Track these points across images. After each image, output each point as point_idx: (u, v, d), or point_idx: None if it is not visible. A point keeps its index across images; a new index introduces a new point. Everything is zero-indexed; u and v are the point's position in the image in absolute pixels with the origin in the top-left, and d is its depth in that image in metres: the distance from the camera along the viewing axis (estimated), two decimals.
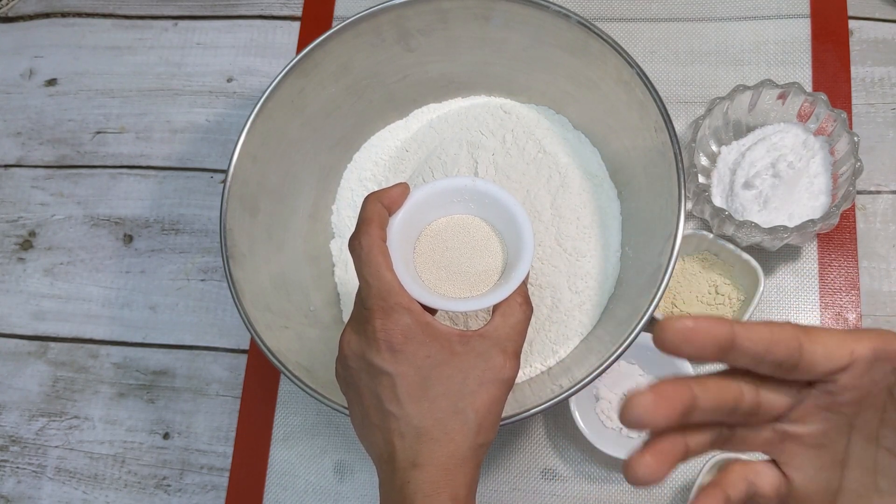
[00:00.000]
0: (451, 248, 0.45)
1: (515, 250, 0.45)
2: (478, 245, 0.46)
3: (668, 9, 0.72)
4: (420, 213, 0.44)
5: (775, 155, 0.61)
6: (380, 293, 0.39)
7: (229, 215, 0.55)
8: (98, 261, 0.72)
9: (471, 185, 0.45)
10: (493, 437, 0.41)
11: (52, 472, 0.67)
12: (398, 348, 0.39)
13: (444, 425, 0.39)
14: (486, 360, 0.40)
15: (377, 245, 0.40)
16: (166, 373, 0.69)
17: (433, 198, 0.45)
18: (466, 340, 0.40)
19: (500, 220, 0.46)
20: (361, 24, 0.57)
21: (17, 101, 0.78)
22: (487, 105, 0.64)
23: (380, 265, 0.40)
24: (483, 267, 0.45)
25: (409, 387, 0.39)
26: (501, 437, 0.63)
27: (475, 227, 0.46)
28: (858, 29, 0.70)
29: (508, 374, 0.41)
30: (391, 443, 0.39)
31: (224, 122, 0.75)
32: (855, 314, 0.63)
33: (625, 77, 0.54)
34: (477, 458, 0.40)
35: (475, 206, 0.46)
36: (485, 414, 0.40)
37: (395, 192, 0.43)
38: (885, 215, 0.65)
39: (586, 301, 0.58)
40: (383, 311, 0.39)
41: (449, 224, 0.46)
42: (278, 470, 0.65)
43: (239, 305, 0.52)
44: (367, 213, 0.42)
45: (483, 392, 0.40)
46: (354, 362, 0.40)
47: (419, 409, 0.39)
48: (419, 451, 0.39)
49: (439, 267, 0.45)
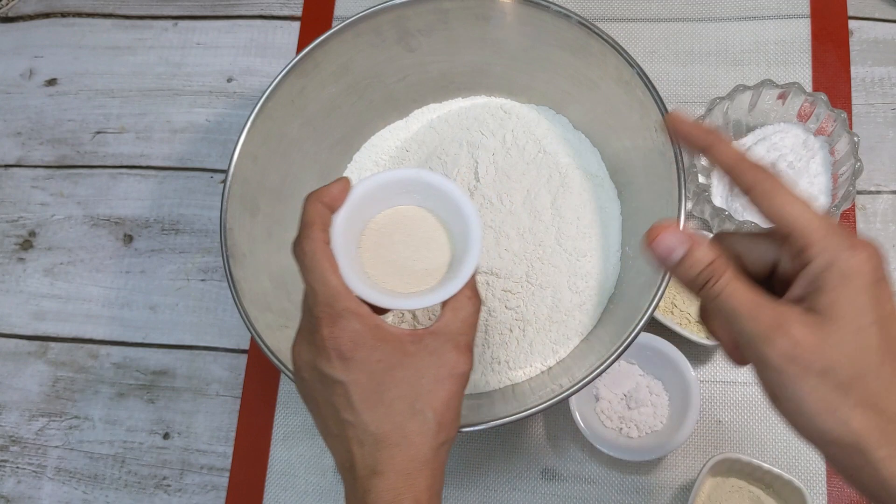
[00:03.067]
0: (397, 241, 0.43)
1: (463, 243, 0.43)
2: (424, 238, 0.44)
3: (668, 9, 0.72)
4: (363, 208, 0.43)
5: (775, 155, 0.61)
6: (326, 299, 0.38)
7: (229, 215, 0.55)
8: (98, 261, 0.72)
9: (415, 176, 0.43)
10: (454, 434, 0.41)
11: (52, 472, 0.67)
12: (349, 355, 0.38)
13: (402, 429, 0.38)
14: (439, 357, 0.39)
15: (320, 248, 0.39)
16: (166, 373, 0.69)
17: (376, 191, 0.43)
18: (418, 339, 0.40)
19: (447, 212, 0.44)
20: (361, 24, 0.57)
21: (17, 101, 0.78)
22: (488, 105, 0.64)
23: (325, 270, 0.39)
24: (430, 261, 0.43)
25: (363, 393, 0.38)
26: (501, 437, 0.63)
27: (420, 218, 0.44)
28: (858, 29, 0.70)
29: (463, 369, 0.40)
30: (350, 451, 0.39)
31: (224, 122, 0.75)
32: None
33: (625, 77, 0.54)
34: (439, 457, 0.40)
35: (420, 197, 0.44)
36: (443, 411, 0.39)
37: (335, 190, 0.41)
38: (885, 215, 0.65)
39: (586, 301, 0.58)
40: (331, 318, 0.38)
41: (393, 217, 0.44)
42: (278, 470, 0.65)
43: (239, 305, 0.52)
44: (307, 216, 0.40)
45: (440, 389, 0.39)
46: (307, 373, 0.40)
47: (375, 415, 0.38)
48: (378, 458, 0.38)
49: (385, 262, 0.43)
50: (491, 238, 0.58)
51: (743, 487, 0.57)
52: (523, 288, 0.58)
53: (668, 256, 0.36)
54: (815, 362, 0.33)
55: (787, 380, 0.33)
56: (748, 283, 0.35)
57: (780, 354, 0.33)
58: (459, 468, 0.63)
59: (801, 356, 0.33)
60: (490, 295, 0.58)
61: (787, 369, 0.33)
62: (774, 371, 0.34)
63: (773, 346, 0.33)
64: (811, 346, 0.33)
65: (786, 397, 0.34)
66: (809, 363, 0.33)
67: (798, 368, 0.33)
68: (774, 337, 0.33)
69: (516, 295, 0.57)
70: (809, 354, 0.33)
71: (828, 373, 0.33)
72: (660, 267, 0.37)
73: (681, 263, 0.36)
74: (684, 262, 0.36)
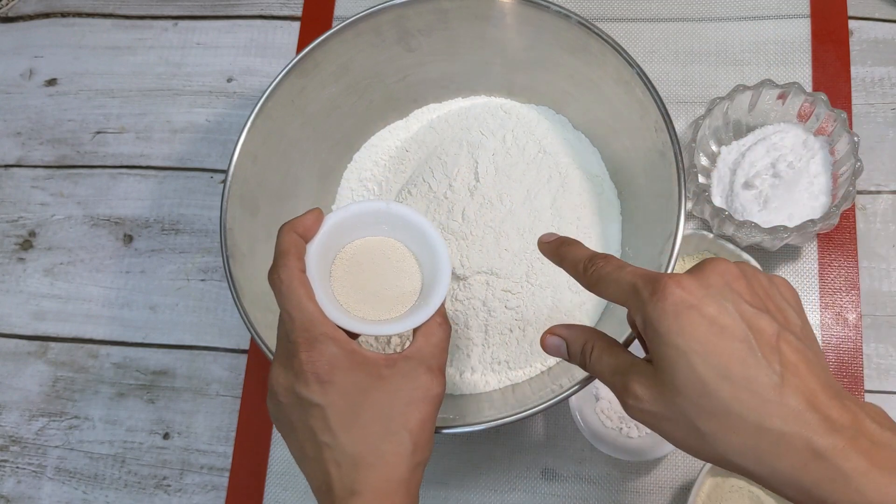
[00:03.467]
0: (367, 269, 0.45)
1: (432, 272, 0.45)
2: (393, 266, 0.46)
3: (668, 9, 0.72)
4: (335, 237, 0.44)
5: (775, 155, 0.61)
6: (303, 325, 0.40)
7: (229, 215, 0.55)
8: (98, 261, 0.72)
9: (384, 209, 0.45)
10: (428, 454, 0.42)
11: (52, 472, 0.67)
12: (326, 379, 0.39)
13: (378, 449, 0.40)
14: (413, 381, 0.41)
15: (297, 276, 0.41)
16: (166, 373, 0.69)
17: (347, 221, 0.45)
18: (392, 363, 0.41)
19: (415, 243, 0.46)
20: (361, 24, 0.57)
21: (17, 101, 0.78)
22: (487, 105, 0.64)
23: (301, 297, 0.40)
24: (400, 288, 0.45)
25: (340, 416, 0.39)
26: (501, 437, 0.63)
27: (390, 247, 0.46)
28: (858, 29, 0.70)
29: (437, 391, 0.42)
30: (328, 472, 0.40)
31: (224, 122, 0.75)
32: (855, 314, 0.63)
33: (625, 77, 0.54)
34: (415, 477, 0.41)
35: (388, 228, 0.46)
36: (419, 432, 0.41)
37: (308, 220, 0.43)
38: (885, 215, 0.65)
39: (586, 301, 0.58)
40: (308, 343, 0.39)
41: (363, 246, 0.46)
42: (278, 470, 0.65)
43: (239, 305, 0.52)
44: (283, 245, 0.42)
45: (414, 411, 0.41)
46: (285, 397, 0.41)
47: (351, 436, 0.39)
48: (356, 479, 0.39)
49: (356, 289, 0.44)
50: (491, 238, 0.58)
51: (743, 487, 0.57)
52: (523, 288, 0.58)
53: (558, 352, 0.42)
54: (661, 410, 0.35)
55: (652, 430, 0.36)
56: (615, 352, 0.39)
57: (632, 412, 0.36)
58: (459, 468, 0.63)
59: (646, 409, 0.35)
60: (490, 295, 0.58)
61: (645, 422, 0.36)
62: (644, 425, 0.38)
63: (627, 407, 0.37)
64: (651, 398, 0.35)
65: (669, 441, 0.36)
66: (656, 412, 0.35)
67: (651, 419, 0.35)
68: (625, 398, 0.36)
69: (516, 295, 0.57)
70: (650, 405, 0.35)
71: (673, 415, 0.34)
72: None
73: (568, 353, 0.41)
74: (569, 352, 0.41)
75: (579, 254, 0.41)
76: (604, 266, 0.38)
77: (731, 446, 0.33)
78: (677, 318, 0.33)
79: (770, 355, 0.33)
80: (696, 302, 0.33)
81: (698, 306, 0.33)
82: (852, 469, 0.31)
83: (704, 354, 0.33)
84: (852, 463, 0.31)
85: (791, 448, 0.31)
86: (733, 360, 0.32)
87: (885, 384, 0.61)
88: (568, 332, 0.41)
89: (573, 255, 0.41)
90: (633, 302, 0.36)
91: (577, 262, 0.40)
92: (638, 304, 0.35)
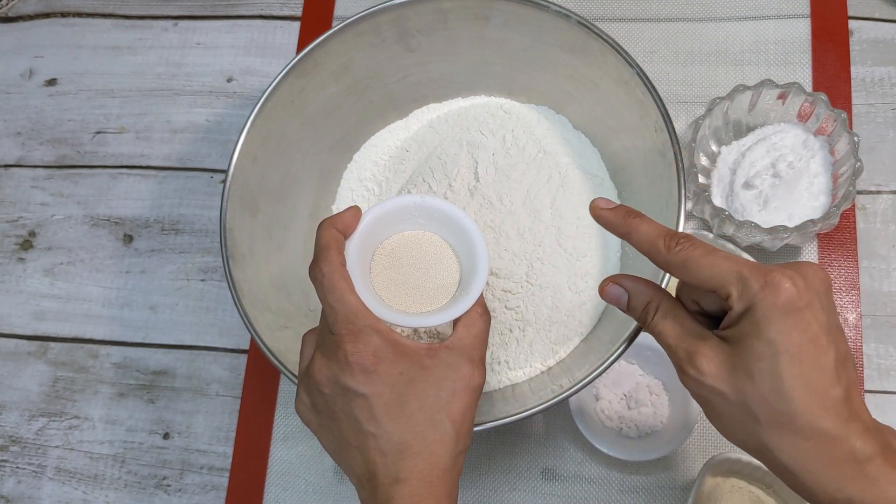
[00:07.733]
0: (406, 263, 0.46)
1: (470, 263, 0.45)
2: (432, 259, 0.46)
3: (668, 9, 0.72)
4: (373, 233, 0.45)
5: (775, 155, 0.61)
6: (346, 317, 0.40)
7: (229, 215, 0.55)
8: (98, 261, 0.72)
9: (420, 202, 0.46)
10: (469, 442, 0.43)
11: (52, 472, 0.67)
12: (371, 369, 0.40)
13: (423, 438, 0.40)
14: (455, 371, 0.42)
15: (338, 270, 0.41)
16: (166, 373, 0.69)
17: (384, 217, 0.45)
18: (434, 354, 0.42)
19: (453, 235, 0.46)
20: (361, 24, 0.57)
21: (17, 101, 0.78)
22: (487, 105, 0.64)
23: (343, 290, 0.41)
24: (439, 280, 0.46)
25: (385, 405, 0.40)
26: (501, 437, 0.63)
27: (428, 241, 0.47)
28: (858, 29, 0.70)
29: (478, 382, 0.42)
30: (372, 461, 0.40)
31: (224, 122, 0.75)
32: (855, 314, 0.63)
33: (625, 77, 0.54)
34: (457, 466, 0.42)
35: (425, 222, 0.46)
36: (461, 421, 0.41)
37: (347, 217, 0.44)
38: (885, 215, 0.65)
39: (586, 301, 0.58)
40: (352, 335, 0.40)
41: (401, 241, 0.46)
42: (278, 470, 0.65)
43: (239, 305, 0.52)
44: (323, 240, 0.42)
45: (456, 401, 0.41)
46: (328, 388, 0.41)
47: (398, 425, 0.40)
48: (401, 467, 0.40)
49: (396, 284, 0.45)
50: (491, 238, 0.58)
51: (743, 487, 0.57)
52: (523, 288, 0.58)
53: (617, 302, 0.43)
54: (724, 389, 0.37)
55: (700, 403, 0.39)
56: (680, 318, 0.40)
57: (689, 382, 0.38)
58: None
59: (707, 384, 0.37)
60: (490, 295, 0.58)
61: (697, 394, 0.38)
62: (692, 395, 0.39)
63: (683, 375, 0.38)
64: (717, 375, 0.37)
65: (709, 418, 0.39)
66: (717, 389, 0.37)
67: (707, 393, 0.37)
68: (685, 367, 0.38)
69: (516, 295, 0.57)
70: (713, 382, 0.37)
71: (733, 397, 0.36)
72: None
73: (627, 306, 0.43)
74: (629, 305, 0.42)
75: (653, 229, 0.41)
76: (691, 248, 0.38)
77: (783, 443, 0.36)
78: (784, 317, 0.35)
79: (841, 372, 0.36)
80: (803, 305, 0.35)
81: (805, 311, 0.36)
82: (883, 475, 0.34)
83: (796, 357, 0.35)
84: (883, 471, 0.35)
85: (837, 455, 0.35)
86: (816, 371, 0.35)
87: (885, 384, 0.61)
88: (633, 284, 0.42)
89: (646, 230, 0.41)
90: (739, 289, 0.36)
91: (655, 238, 0.40)
92: (746, 292, 0.36)
